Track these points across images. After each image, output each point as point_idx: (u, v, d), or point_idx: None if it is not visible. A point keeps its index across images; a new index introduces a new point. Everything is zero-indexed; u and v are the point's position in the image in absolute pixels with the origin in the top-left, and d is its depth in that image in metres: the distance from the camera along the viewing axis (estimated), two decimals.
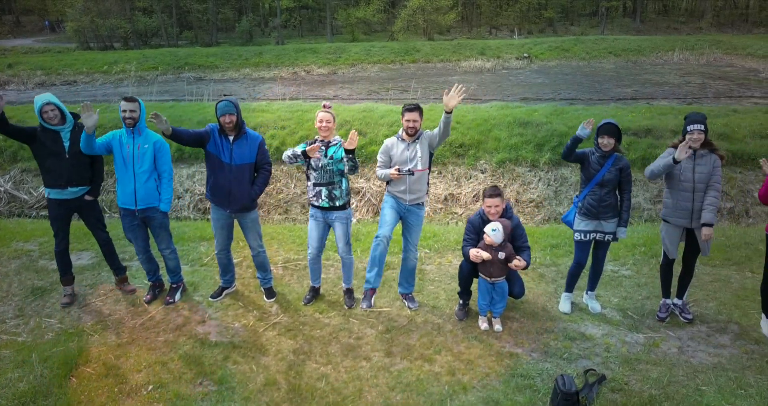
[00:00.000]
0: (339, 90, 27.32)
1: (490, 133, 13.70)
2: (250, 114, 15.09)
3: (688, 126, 5.02)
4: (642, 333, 5.00)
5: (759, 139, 12.45)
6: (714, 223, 5.02)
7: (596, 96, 23.17)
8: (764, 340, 4.92)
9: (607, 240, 5.38)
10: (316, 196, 5.48)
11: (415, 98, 22.33)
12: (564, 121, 13.71)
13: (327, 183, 5.40)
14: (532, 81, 28.58)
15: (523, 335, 4.99)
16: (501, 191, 5.17)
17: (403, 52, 37.39)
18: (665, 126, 13.15)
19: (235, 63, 35.38)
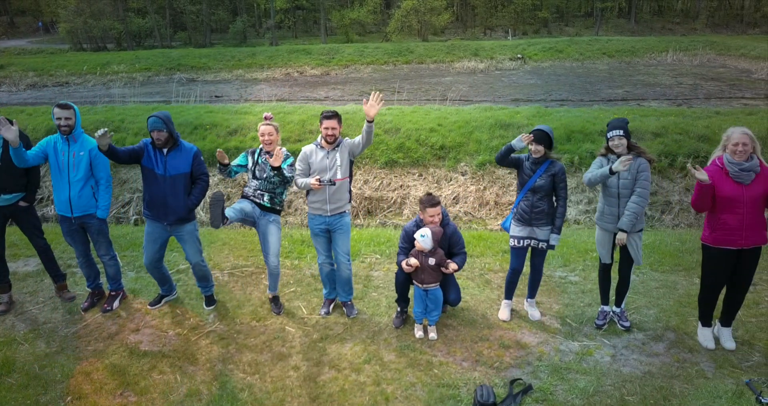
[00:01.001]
0: (330, 91, 27.27)
1: (471, 135, 13.62)
2: (232, 116, 15.03)
3: (608, 132, 4.94)
4: (578, 341, 4.91)
5: None
6: (629, 229, 4.92)
7: (587, 97, 23.10)
8: (698, 348, 4.83)
9: (542, 247, 5.29)
10: (257, 197, 5.41)
11: (408, 99, 22.28)
12: (545, 124, 13.62)
13: (269, 191, 5.40)
14: (524, 82, 28.52)
15: (458, 344, 4.88)
16: (439, 201, 5.11)
17: (397, 53, 37.34)
18: (646, 128, 13.06)
19: (228, 64, 35.36)
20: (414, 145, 13.44)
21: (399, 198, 12.67)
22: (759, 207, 4.57)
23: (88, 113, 15.44)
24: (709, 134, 12.63)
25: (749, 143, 4.50)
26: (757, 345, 4.80)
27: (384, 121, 14.30)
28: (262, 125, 5.35)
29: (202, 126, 14.19)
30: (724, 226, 4.58)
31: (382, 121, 14.28)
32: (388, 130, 13.98)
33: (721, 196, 4.54)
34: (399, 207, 12.61)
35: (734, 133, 4.52)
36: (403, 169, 13.16)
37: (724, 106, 19.32)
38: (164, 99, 23.12)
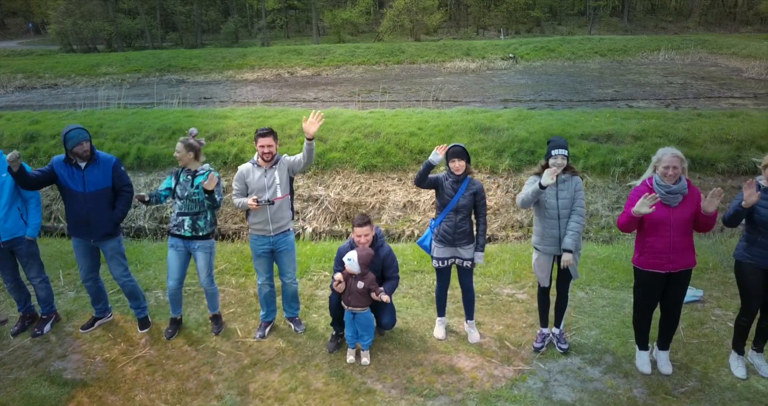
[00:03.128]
0: (320, 92, 27.17)
1: (451, 139, 13.51)
2: (211, 121, 14.94)
3: (552, 150, 4.85)
4: (513, 366, 4.80)
5: (719, 144, 12.29)
6: (574, 249, 4.86)
7: (576, 97, 23.02)
8: (634, 373, 4.73)
9: (466, 266, 5.23)
10: (178, 226, 5.30)
11: (397, 101, 22.17)
12: (526, 127, 13.56)
13: (192, 213, 5.24)
14: (515, 82, 28.44)
15: (390, 369, 4.77)
16: (370, 219, 5.01)
17: (388, 54, 37.24)
18: (626, 131, 12.99)
19: (219, 65, 35.25)
20: (393, 150, 13.36)
21: (378, 203, 12.58)
22: (686, 230, 4.50)
23: (67, 118, 15.35)
24: (689, 137, 12.57)
25: (679, 166, 4.42)
26: (695, 369, 4.72)
27: (364, 125, 14.22)
28: (179, 142, 5.24)
29: (181, 131, 14.06)
30: (652, 249, 4.51)
31: (362, 126, 14.20)
32: (368, 135, 13.89)
33: (648, 218, 4.47)
34: (378, 212, 12.53)
35: (665, 155, 4.45)
36: (382, 173, 13.08)
37: (712, 106, 19.27)
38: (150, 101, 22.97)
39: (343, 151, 13.44)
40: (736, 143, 12.16)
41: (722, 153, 11.95)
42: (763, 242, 4.52)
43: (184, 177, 5.27)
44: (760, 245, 4.53)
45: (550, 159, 4.83)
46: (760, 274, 4.59)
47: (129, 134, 14.06)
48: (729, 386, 4.50)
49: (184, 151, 5.19)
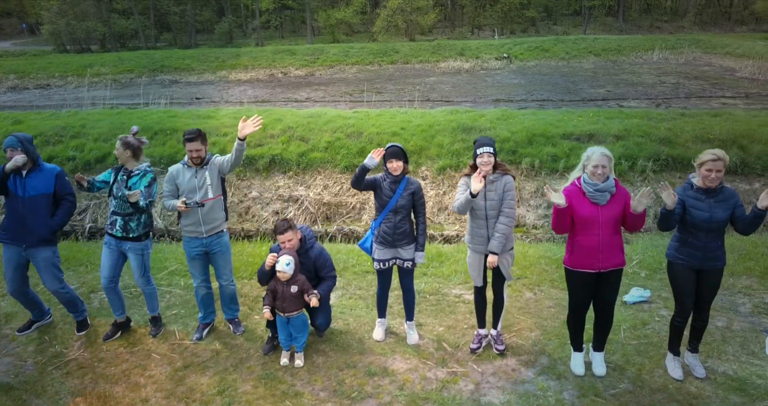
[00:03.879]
0: (313, 92, 27.12)
1: (433, 139, 13.49)
2: (195, 121, 14.90)
3: (477, 149, 4.80)
4: (447, 368, 4.75)
5: (700, 143, 12.23)
6: (500, 251, 4.80)
7: (568, 97, 22.97)
8: (567, 375, 4.68)
9: (407, 267, 5.18)
10: (111, 225, 5.26)
11: (388, 101, 22.11)
12: (508, 127, 13.51)
13: (124, 214, 5.19)
14: (508, 82, 28.37)
15: (322, 371, 4.72)
16: (293, 224, 4.94)
17: (382, 54, 37.16)
18: (608, 131, 12.94)
19: (212, 65, 35.19)
20: None
21: (358, 204, 12.53)
22: (615, 229, 4.45)
23: (49, 119, 15.31)
24: (671, 137, 12.52)
25: (607, 165, 4.37)
26: (630, 371, 4.66)
27: (347, 125, 14.17)
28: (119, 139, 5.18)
29: (163, 131, 14.05)
30: (581, 248, 4.46)
31: (345, 126, 14.15)
32: (350, 135, 13.84)
33: (578, 217, 4.42)
34: (358, 213, 12.48)
35: (594, 154, 4.40)
36: None
37: (702, 106, 19.21)
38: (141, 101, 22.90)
39: (324, 151, 13.39)
40: (718, 143, 12.09)
41: None
42: (694, 242, 4.48)
43: (120, 176, 5.22)
44: (691, 245, 4.49)
45: (477, 158, 4.78)
46: (691, 274, 4.55)
47: (111, 134, 13.99)
48: (661, 387, 4.44)
49: (122, 149, 5.15)
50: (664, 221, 4.45)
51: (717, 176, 4.36)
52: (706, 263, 4.49)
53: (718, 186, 4.44)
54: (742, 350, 5.02)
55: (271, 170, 13.18)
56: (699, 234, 4.44)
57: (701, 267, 4.51)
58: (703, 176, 4.42)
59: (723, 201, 4.42)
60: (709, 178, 4.37)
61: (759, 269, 6.88)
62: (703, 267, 4.51)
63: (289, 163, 13.13)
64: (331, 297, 6.08)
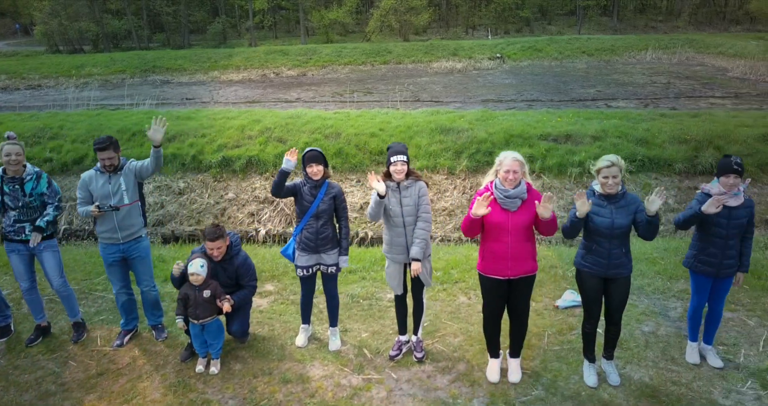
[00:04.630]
0: (303, 92, 27.07)
1: (411, 140, 13.44)
2: (173, 122, 14.84)
3: (391, 157, 4.74)
4: (363, 375, 4.68)
5: (677, 144, 12.17)
6: (422, 257, 4.73)
7: (558, 97, 22.91)
8: (482, 381, 4.62)
9: (331, 272, 5.12)
10: (17, 232, 5.16)
11: (380, 101, 22.04)
12: (486, 128, 13.45)
13: (31, 219, 5.14)
14: (499, 82, 28.30)
15: (236, 379, 4.65)
16: (224, 231, 4.88)
17: (375, 54, 37.11)
18: (585, 132, 12.88)
19: (204, 65, 35.17)
20: (353, 151, 13.26)
21: None
22: (526, 235, 4.37)
23: (29, 120, 15.30)
24: (649, 138, 12.46)
25: (519, 170, 4.29)
26: (546, 377, 4.60)
27: (325, 126, 14.13)
28: (6, 145, 5.05)
29: (141, 132, 14.01)
30: (492, 255, 4.40)
31: (323, 126, 14.11)
32: (329, 135, 13.80)
33: (488, 223, 4.35)
34: None
35: (506, 159, 4.32)
36: (341, 174, 12.98)
37: (691, 106, 19.13)
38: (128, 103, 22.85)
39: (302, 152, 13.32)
40: (695, 143, 12.04)
41: (680, 153, 11.84)
42: (598, 250, 4.41)
43: (9, 188, 5.09)
44: (596, 253, 4.43)
45: (390, 166, 4.73)
46: (598, 281, 4.49)
47: (89, 136, 13.98)
48: (573, 394, 4.39)
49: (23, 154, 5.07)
50: (572, 228, 4.35)
51: (614, 182, 4.29)
52: (611, 271, 4.43)
53: (620, 192, 4.37)
54: (663, 356, 4.96)
55: (248, 172, 13.14)
56: (602, 241, 4.38)
57: (607, 275, 4.45)
58: (601, 183, 4.35)
59: (624, 207, 4.35)
60: (607, 184, 4.31)
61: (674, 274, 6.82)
62: (609, 275, 4.44)
63: (266, 165, 13.08)
64: (264, 302, 6.03)
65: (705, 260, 4.64)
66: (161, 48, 43.50)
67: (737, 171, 4.41)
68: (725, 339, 5.22)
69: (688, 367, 4.77)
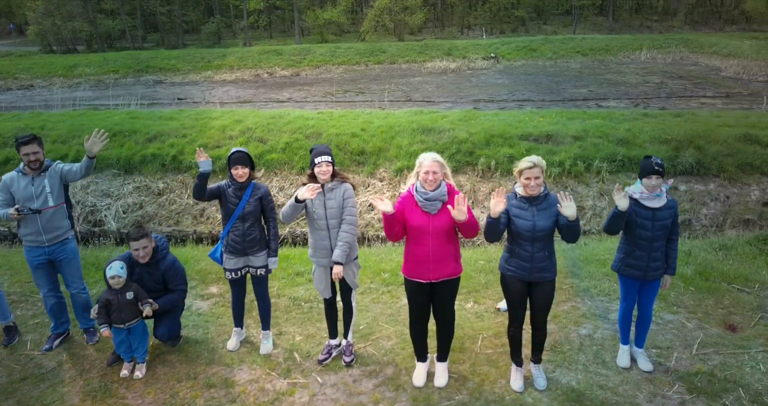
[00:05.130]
0: (296, 92, 27.00)
1: (393, 140, 13.38)
2: (155, 122, 14.81)
3: (314, 158, 4.66)
4: (290, 379, 4.61)
5: (658, 144, 12.09)
6: (345, 260, 4.66)
7: (549, 97, 22.83)
8: (407, 386, 4.54)
9: (260, 274, 5.05)
10: None
11: (372, 101, 21.97)
12: (467, 128, 13.38)
13: None
14: (492, 82, 28.21)
15: (160, 383, 4.57)
16: (148, 232, 4.81)
17: (369, 54, 37.04)
18: (567, 132, 12.80)
19: (197, 65, 35.12)
20: (334, 151, 13.16)
21: None
22: (447, 238, 4.29)
23: (11, 120, 15.25)
24: (629, 138, 12.38)
25: (439, 171, 4.21)
26: (472, 381, 4.52)
27: (306, 126, 14.06)
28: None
29: (122, 133, 13.96)
30: (414, 258, 4.33)
31: (305, 126, 14.04)
32: (310, 135, 13.73)
33: (409, 226, 4.28)
34: None
35: (425, 160, 4.25)
36: None
37: (681, 106, 19.04)
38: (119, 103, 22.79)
39: (282, 152, 13.29)
40: (675, 143, 11.96)
41: (660, 153, 11.73)
42: (521, 253, 4.34)
43: None
44: (519, 256, 4.35)
45: (314, 168, 4.65)
46: (521, 285, 4.43)
47: (70, 136, 13.94)
48: (498, 399, 4.32)
49: None
50: (489, 230, 4.24)
51: (536, 183, 4.21)
52: (534, 275, 4.35)
53: (542, 194, 4.29)
54: (594, 360, 4.89)
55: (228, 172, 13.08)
56: (524, 244, 4.30)
57: (530, 279, 4.37)
58: (523, 185, 4.27)
59: (546, 209, 4.27)
60: (529, 186, 4.23)
61: None
62: (532, 279, 4.37)
63: None
64: (205, 305, 5.96)
65: (632, 263, 4.58)
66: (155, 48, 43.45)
67: (658, 172, 4.37)
68: (660, 342, 5.16)
69: (617, 371, 4.71)
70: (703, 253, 7.21)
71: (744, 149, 11.53)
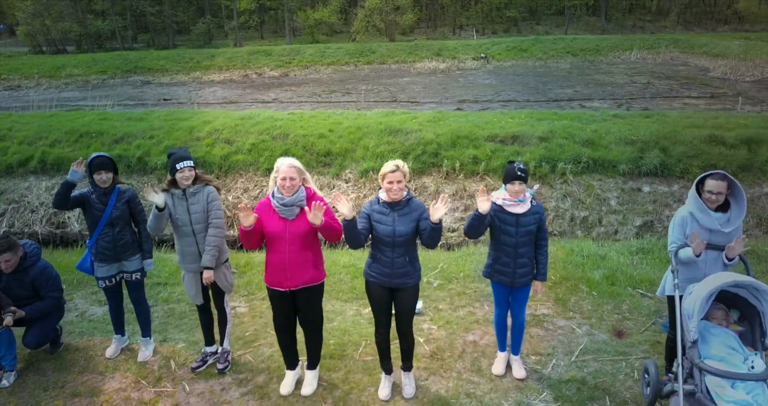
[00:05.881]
0: (282, 93, 26.91)
1: (360, 141, 13.29)
2: (124, 123, 14.74)
3: (175, 164, 4.56)
4: (158, 387, 4.52)
5: (623, 145, 11.97)
6: (214, 265, 4.56)
7: (534, 97, 22.71)
8: (273, 394, 4.46)
9: (135, 279, 4.97)
10: None
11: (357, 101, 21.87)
12: (435, 129, 13.28)
13: None
14: (480, 82, 28.08)
15: (26, 392, 4.46)
16: (12, 242, 4.70)
17: (358, 54, 36.93)
18: (533, 133, 12.68)
19: (186, 66, 35.05)
20: (300, 152, 13.10)
21: None
22: (305, 244, 4.21)
23: None
24: (595, 139, 12.26)
25: (297, 177, 4.13)
26: (341, 389, 4.44)
27: (274, 127, 13.97)
28: None
29: (89, 134, 13.89)
30: (272, 266, 4.25)
31: (272, 127, 13.96)
32: (276, 136, 13.65)
33: (266, 233, 4.19)
34: None
35: (282, 165, 4.17)
36: None
37: (664, 106, 18.91)
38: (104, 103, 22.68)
39: (248, 153, 13.21)
40: (641, 144, 11.84)
41: (625, 154, 11.64)
42: (382, 259, 4.26)
43: None
44: (380, 261, 4.27)
45: (176, 173, 4.54)
46: (384, 291, 4.34)
47: (36, 137, 13.87)
48: None
49: None
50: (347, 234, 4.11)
51: (399, 188, 4.13)
52: (395, 280, 4.26)
53: (404, 199, 4.20)
54: (471, 367, 4.81)
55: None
56: (385, 250, 4.21)
57: (392, 284, 4.27)
58: (386, 189, 4.19)
59: (408, 214, 4.19)
60: (392, 190, 4.14)
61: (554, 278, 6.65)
62: (394, 284, 4.27)
63: (212, 166, 12.94)
64: (100, 311, 5.87)
65: (499, 269, 4.49)
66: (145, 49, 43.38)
67: (521, 177, 4.28)
68: (543, 348, 5.09)
69: (490, 378, 4.63)
70: (619, 256, 7.12)
71: (709, 151, 11.40)
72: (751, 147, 11.40)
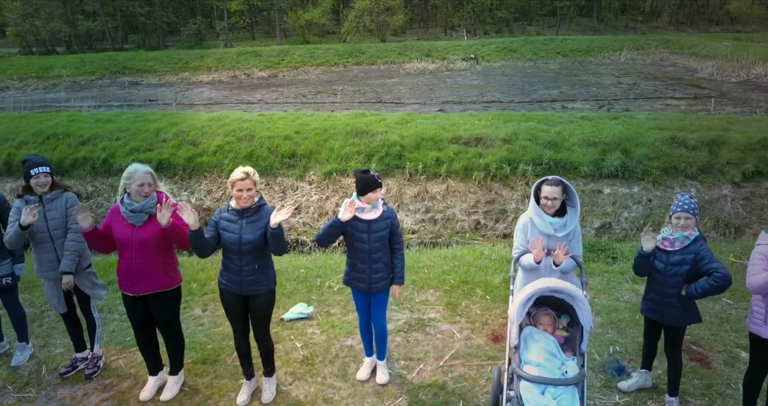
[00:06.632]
0: (268, 93, 26.88)
1: (325, 143, 13.24)
2: (92, 124, 14.72)
3: (30, 169, 4.51)
4: (22, 393, 4.47)
5: (585, 147, 11.90)
6: (73, 270, 4.50)
7: (518, 98, 22.64)
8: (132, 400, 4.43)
9: (6, 284, 4.93)
10: None
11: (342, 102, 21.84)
12: (400, 131, 13.22)
13: None
14: (467, 83, 28.01)
15: None
16: None
17: (348, 55, 36.90)
18: (497, 135, 12.61)
19: (175, 67, 35.05)
20: (264, 154, 13.07)
21: None
22: (153, 250, 4.19)
23: None
24: (559, 140, 12.20)
25: (152, 183, 4.21)
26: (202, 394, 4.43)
27: (241, 128, 13.93)
28: None
29: (55, 136, 13.88)
30: (121, 271, 4.23)
31: (239, 129, 13.91)
32: (242, 138, 13.60)
33: (114, 237, 4.17)
34: None
35: (137, 172, 4.19)
36: None
37: (646, 107, 18.83)
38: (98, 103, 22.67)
39: (213, 155, 13.17)
40: (603, 146, 11.76)
41: (587, 156, 11.56)
42: (231, 266, 4.26)
43: None
44: (230, 270, 4.27)
45: (31, 179, 4.51)
46: (235, 298, 4.31)
47: (3, 139, 13.87)
48: None
49: None
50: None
51: (248, 195, 4.09)
52: (246, 288, 4.22)
53: (254, 206, 4.15)
54: (338, 372, 4.75)
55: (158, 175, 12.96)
56: (233, 258, 4.18)
57: (242, 292, 4.25)
58: (235, 197, 4.14)
59: (256, 222, 4.14)
60: (241, 198, 4.09)
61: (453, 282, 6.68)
62: (244, 292, 4.24)
63: (176, 168, 12.91)
64: None
65: (356, 276, 4.45)
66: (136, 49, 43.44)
67: (380, 185, 4.29)
68: (415, 353, 5.05)
69: (353, 383, 4.58)
70: None
71: (670, 152, 11.33)
72: (712, 149, 11.32)
